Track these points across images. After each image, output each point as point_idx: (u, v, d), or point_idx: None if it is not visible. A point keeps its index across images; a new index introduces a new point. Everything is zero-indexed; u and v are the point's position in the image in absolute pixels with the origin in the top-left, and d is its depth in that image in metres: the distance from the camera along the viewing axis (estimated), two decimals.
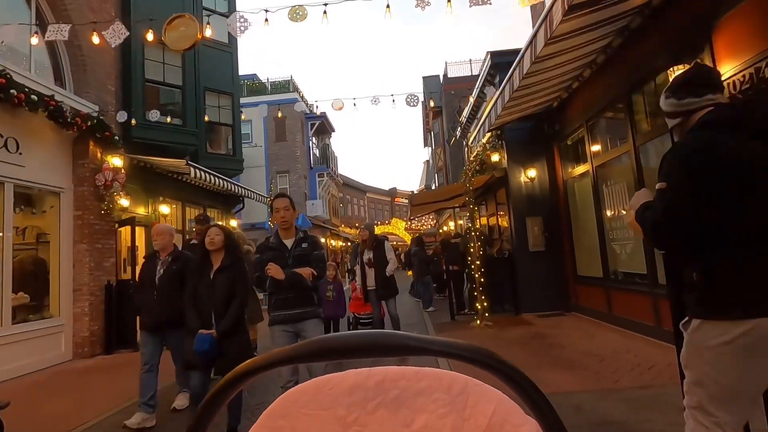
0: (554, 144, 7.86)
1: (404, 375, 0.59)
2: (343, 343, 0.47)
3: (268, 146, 24.13)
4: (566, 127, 7.32)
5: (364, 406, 0.58)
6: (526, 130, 8.19)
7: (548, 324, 6.86)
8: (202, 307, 3.10)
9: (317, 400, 0.60)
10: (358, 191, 38.45)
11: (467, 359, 0.45)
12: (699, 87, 1.53)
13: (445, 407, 0.57)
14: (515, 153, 8.21)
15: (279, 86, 24.93)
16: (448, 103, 24.00)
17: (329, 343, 0.47)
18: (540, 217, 7.93)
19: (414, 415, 0.57)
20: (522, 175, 8.14)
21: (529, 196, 8.09)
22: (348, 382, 0.60)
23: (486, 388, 0.57)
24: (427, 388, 0.58)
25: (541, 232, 7.89)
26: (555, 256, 7.85)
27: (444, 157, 25.08)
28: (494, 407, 0.56)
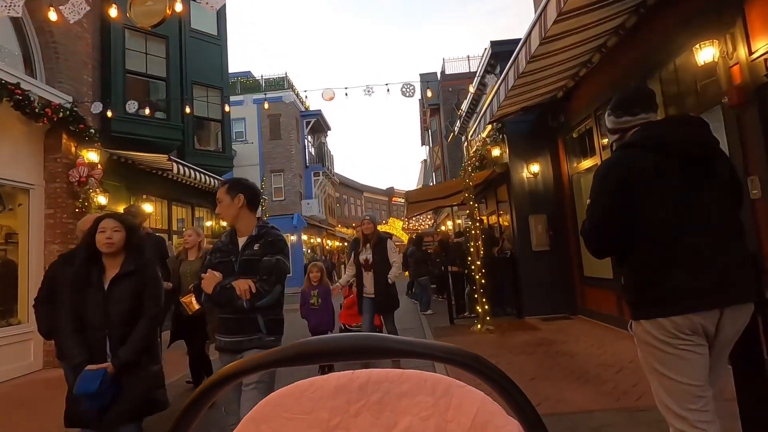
0: (559, 137, 7.42)
1: (387, 377, 0.59)
2: (326, 346, 0.46)
3: (263, 144, 23.65)
4: (572, 118, 6.89)
5: (347, 410, 0.58)
6: (528, 122, 7.75)
7: (554, 328, 6.42)
8: (90, 332, 2.21)
9: (300, 404, 0.59)
10: (354, 191, 37.99)
11: (450, 361, 0.45)
12: (634, 107, 1.67)
13: (428, 409, 0.57)
14: (517, 147, 7.77)
15: (273, 83, 24.43)
16: (446, 100, 23.58)
17: (312, 346, 0.46)
18: (544, 215, 7.50)
19: (397, 417, 0.57)
20: (524, 170, 7.70)
21: (532, 192, 7.65)
22: (331, 386, 0.60)
23: (469, 390, 0.57)
24: (410, 390, 0.58)
25: (545, 231, 7.46)
26: (560, 256, 7.41)
27: (442, 156, 24.65)
28: (477, 408, 0.56)
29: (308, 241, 25.30)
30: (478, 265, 6.88)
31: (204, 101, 11.41)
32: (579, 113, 6.63)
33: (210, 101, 11.53)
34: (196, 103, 11.20)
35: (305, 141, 25.78)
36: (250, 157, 23.23)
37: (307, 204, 23.95)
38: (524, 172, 7.70)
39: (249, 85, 24.36)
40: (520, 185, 7.70)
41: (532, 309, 7.39)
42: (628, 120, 1.69)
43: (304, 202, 23.93)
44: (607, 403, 3.33)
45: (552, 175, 7.59)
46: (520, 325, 6.98)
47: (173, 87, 9.04)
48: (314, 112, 26.28)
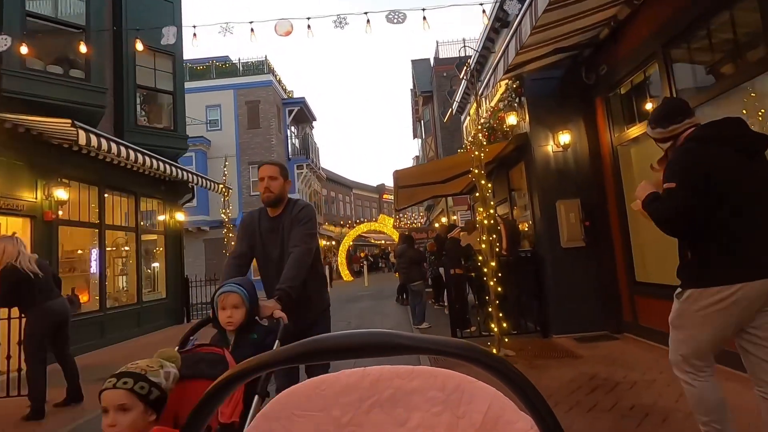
0: (598, 96, 5.60)
1: (398, 374, 0.59)
2: (334, 343, 0.45)
3: (239, 134, 21.60)
4: (619, 67, 5.06)
5: (359, 406, 0.58)
6: (555, 80, 5.92)
7: (600, 355, 4.60)
8: None
9: (311, 402, 0.59)
10: (343, 187, 36.03)
11: (459, 356, 0.45)
12: (676, 116, 2.04)
13: (439, 405, 0.57)
14: (540, 112, 5.93)
15: (252, 67, 22.38)
16: (440, 86, 21.75)
17: (321, 343, 0.45)
18: (577, 200, 5.67)
19: (409, 413, 0.57)
20: (550, 142, 5.86)
21: (560, 171, 5.82)
22: (342, 383, 0.60)
23: (480, 385, 0.58)
24: (421, 386, 0.58)
25: (579, 221, 5.63)
26: (600, 255, 5.60)
27: (435, 147, 22.83)
28: (488, 404, 0.56)
29: None
30: (493, 268, 5.03)
31: (150, 69, 9.41)
32: (631, 58, 4.80)
33: (158, 69, 9.52)
34: (141, 70, 9.20)
35: (288, 131, 23.77)
36: (225, 147, 21.17)
37: None
38: (550, 144, 5.86)
39: (225, 69, 22.29)
40: (544, 162, 5.87)
41: (562, 325, 5.57)
42: (676, 127, 2.03)
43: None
44: None
45: (588, 148, 5.77)
46: (549, 348, 5.15)
47: (95, 38, 7.04)
48: (297, 100, 24.30)
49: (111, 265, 8.92)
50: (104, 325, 7.86)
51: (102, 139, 6.05)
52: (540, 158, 5.88)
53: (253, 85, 21.80)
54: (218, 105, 21.60)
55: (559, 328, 5.59)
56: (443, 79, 22.01)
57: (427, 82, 23.83)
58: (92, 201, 7.98)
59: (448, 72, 21.74)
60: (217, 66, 22.34)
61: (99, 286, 7.93)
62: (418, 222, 31.61)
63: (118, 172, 8.36)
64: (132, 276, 9.13)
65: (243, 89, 21.75)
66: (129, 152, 7.35)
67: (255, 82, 21.84)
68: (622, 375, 3.86)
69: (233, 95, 21.69)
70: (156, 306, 9.65)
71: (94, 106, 6.94)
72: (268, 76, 22.05)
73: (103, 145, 5.99)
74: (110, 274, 8.76)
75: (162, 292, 10.11)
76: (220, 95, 21.65)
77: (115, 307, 8.40)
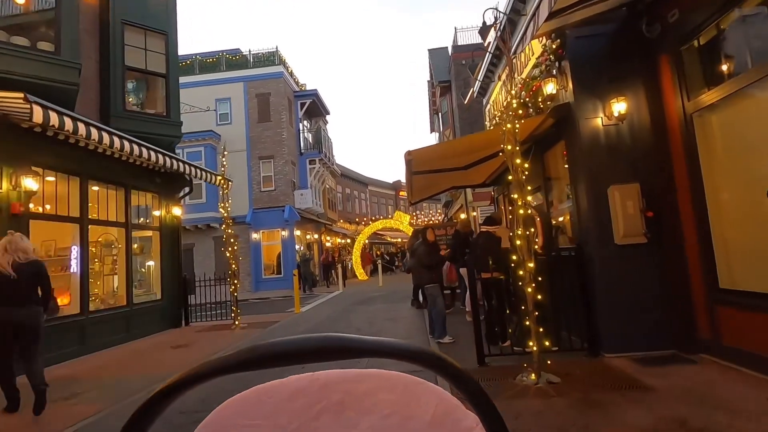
0: (663, 53, 4.43)
1: (347, 378, 0.59)
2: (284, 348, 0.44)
3: (250, 127, 20.86)
4: (698, 10, 3.89)
5: (307, 413, 0.57)
6: (605, 37, 4.78)
7: (678, 386, 3.47)
8: None
9: (256, 409, 0.57)
10: (358, 184, 35.12)
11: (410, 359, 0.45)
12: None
13: (388, 407, 0.57)
14: (587, 77, 4.80)
15: (262, 59, 21.60)
16: (458, 75, 20.57)
17: (270, 349, 0.44)
18: (636, 185, 4.52)
19: (359, 417, 0.57)
20: (600, 113, 4.73)
21: (613, 149, 4.68)
22: (290, 389, 0.58)
23: (428, 386, 0.58)
24: (370, 389, 0.58)
25: (639, 211, 4.48)
26: (666, 253, 4.44)
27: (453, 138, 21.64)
28: (436, 404, 0.56)
29: (303, 238, 22.50)
30: (531, 269, 3.95)
31: (141, 49, 8.59)
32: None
33: (149, 49, 8.70)
34: (131, 51, 8.40)
35: (299, 125, 22.93)
36: (235, 141, 20.47)
37: (301, 195, 21.12)
38: (599, 116, 4.72)
39: (235, 61, 21.57)
40: (592, 138, 4.73)
41: (615, 341, 4.44)
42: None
43: (297, 193, 21.11)
44: None
45: (649, 119, 4.61)
46: (603, 372, 4.03)
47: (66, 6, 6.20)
48: (310, 92, 23.44)
49: (99, 264, 8.17)
50: (86, 330, 7.08)
51: (66, 118, 5.20)
52: (587, 134, 4.74)
53: (264, 77, 21.03)
54: (228, 98, 20.91)
55: (611, 344, 4.46)
56: (462, 68, 20.80)
57: (445, 71, 22.67)
58: (72, 193, 7.20)
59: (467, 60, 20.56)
60: (227, 58, 21.66)
61: (80, 287, 7.15)
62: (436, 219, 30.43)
63: (105, 162, 7.57)
64: (121, 276, 8.35)
65: (253, 81, 21.01)
66: (112, 138, 6.55)
67: (265, 74, 21.07)
68: (726, 423, 2.74)
69: (243, 88, 20.96)
70: (149, 308, 8.87)
71: (65, 83, 6.11)
72: (279, 67, 21.23)
73: (66, 124, 5.14)
74: (96, 273, 8.00)
75: (157, 293, 9.32)
76: (230, 88, 20.95)
77: (100, 311, 7.62)
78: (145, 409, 0.43)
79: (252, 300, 17.20)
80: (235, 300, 9.34)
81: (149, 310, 8.84)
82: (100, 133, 5.82)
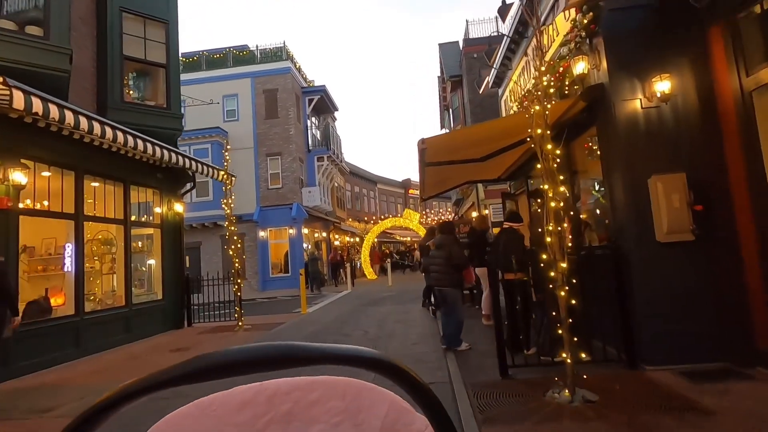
0: (714, 24, 3.88)
1: (298, 386, 0.57)
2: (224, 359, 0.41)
3: (257, 124, 20.53)
4: None
5: (254, 425, 0.55)
6: (644, 8, 4.24)
7: (743, 409, 2.94)
8: None
9: (201, 424, 0.55)
10: (367, 182, 34.68)
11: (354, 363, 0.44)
12: None
13: (339, 415, 0.56)
14: (624, 54, 4.27)
15: (270, 54, 21.26)
16: (470, 69, 19.99)
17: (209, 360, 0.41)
18: (682, 175, 3.98)
19: (307, 427, 0.56)
20: (639, 94, 4.19)
21: (655, 134, 4.14)
22: (236, 400, 0.56)
23: (379, 391, 0.57)
24: (320, 397, 0.57)
25: (687, 205, 3.94)
26: (719, 252, 3.90)
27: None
28: (386, 409, 0.56)
29: (311, 236, 22.13)
30: (564, 270, 3.44)
31: (140, 38, 8.23)
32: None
33: (149, 38, 8.33)
34: (129, 39, 8.04)
35: (307, 121, 22.55)
36: (242, 138, 20.17)
37: (309, 192, 20.74)
38: (638, 97, 4.19)
39: (242, 57, 21.25)
40: (629, 122, 4.20)
41: (658, 352, 3.91)
42: None
43: (305, 190, 20.73)
44: None
45: (697, 99, 4.06)
46: (648, 389, 3.52)
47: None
48: (318, 88, 23.03)
49: (96, 263, 7.83)
50: (81, 332, 6.73)
51: (52, 105, 4.82)
52: (624, 117, 4.21)
53: (271, 72, 20.68)
54: (235, 94, 20.61)
55: (653, 355, 3.94)
56: (474, 61, 20.25)
57: (456, 65, 22.09)
58: (67, 188, 6.84)
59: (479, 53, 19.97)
60: (234, 54, 21.35)
61: (75, 287, 6.80)
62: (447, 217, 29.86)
63: (102, 156, 7.21)
64: (120, 275, 8.00)
65: (260, 77, 20.67)
66: (104, 128, 6.17)
67: (273, 70, 20.72)
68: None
69: (251, 84, 20.64)
70: (150, 309, 8.52)
71: (55, 69, 5.73)
72: (286, 62, 20.87)
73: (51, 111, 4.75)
74: (93, 272, 7.66)
75: (158, 293, 8.97)
76: (238, 84, 20.65)
77: (96, 311, 7.27)
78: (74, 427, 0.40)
79: (259, 299, 16.87)
80: (239, 300, 8.95)
81: (150, 310, 8.49)
82: (91, 123, 5.44)
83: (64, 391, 4.97)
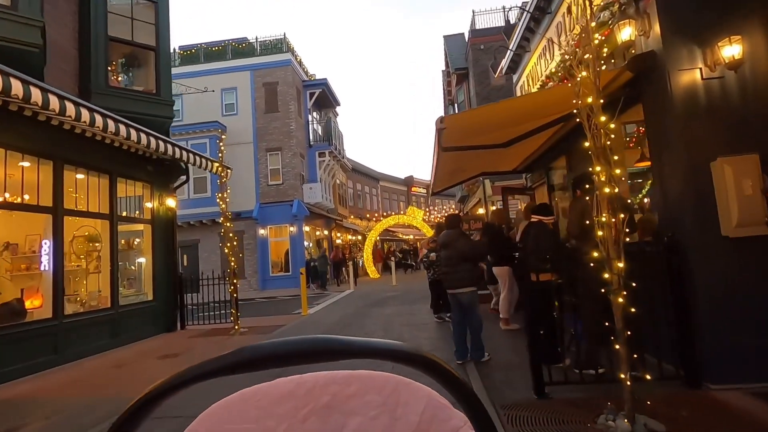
0: None
1: (335, 380, 0.58)
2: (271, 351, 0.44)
3: (257, 118, 19.90)
4: None
5: (294, 416, 0.57)
6: None
7: None
8: None
9: (244, 414, 0.57)
10: (370, 179, 34.04)
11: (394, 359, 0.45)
12: None
13: (376, 409, 0.57)
14: (680, 17, 3.63)
15: (270, 46, 20.62)
16: (477, 62, 19.31)
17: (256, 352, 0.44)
18: (754, 156, 3.34)
19: (345, 419, 0.57)
20: (699, 63, 3.55)
21: (719, 109, 3.51)
22: (277, 392, 0.58)
23: (416, 386, 0.57)
24: (358, 391, 0.58)
25: (760, 191, 3.30)
26: None
27: None
28: (424, 404, 0.56)
29: (312, 234, 21.52)
30: (620, 271, 2.82)
31: (127, 18, 7.60)
32: None
33: (137, 19, 7.71)
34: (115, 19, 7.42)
35: (308, 116, 21.92)
36: (241, 133, 19.55)
37: (310, 189, 20.11)
38: (698, 66, 3.55)
39: (241, 49, 20.61)
40: (687, 95, 3.56)
41: (726, 368, 3.28)
42: None
43: (306, 187, 20.11)
44: None
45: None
46: (722, 415, 2.89)
47: None
48: (319, 82, 22.39)
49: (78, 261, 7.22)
50: (59, 337, 6.12)
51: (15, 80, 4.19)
52: (680, 90, 3.57)
53: (271, 65, 20.05)
54: (234, 88, 19.98)
55: (720, 372, 3.30)
56: (480, 53, 19.59)
57: (462, 58, 21.43)
58: (44, 179, 6.23)
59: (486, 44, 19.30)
60: (234, 46, 20.72)
61: (53, 287, 6.19)
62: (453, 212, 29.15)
63: (84, 145, 6.60)
64: (105, 274, 7.39)
65: (260, 70, 20.04)
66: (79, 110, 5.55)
67: (273, 62, 20.08)
68: None
69: (250, 77, 20.01)
70: (139, 311, 7.92)
71: (25, 44, 5.11)
72: (287, 55, 20.22)
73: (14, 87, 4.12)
74: (75, 272, 7.05)
75: (148, 294, 8.37)
76: (237, 77, 20.02)
77: (78, 314, 6.67)
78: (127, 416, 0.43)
79: (258, 299, 16.27)
80: (235, 301, 8.34)
81: (139, 312, 7.89)
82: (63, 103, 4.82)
83: (34, 406, 4.38)
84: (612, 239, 2.86)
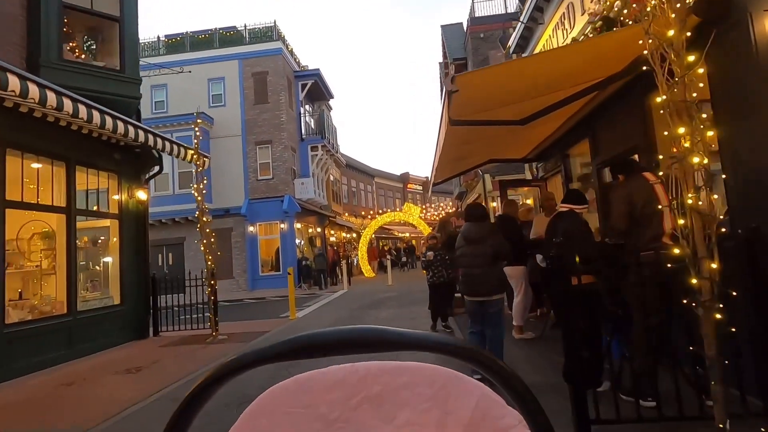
0: None
1: (386, 370, 0.59)
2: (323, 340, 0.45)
3: (245, 110, 18.93)
4: None
5: (347, 403, 0.58)
6: None
7: None
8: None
9: (299, 398, 0.58)
10: (364, 175, 33.16)
11: (448, 353, 0.45)
12: None
13: (427, 401, 0.56)
14: None
15: (259, 34, 19.64)
16: (476, 50, 18.50)
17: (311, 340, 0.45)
18: None
19: (396, 410, 0.57)
20: None
21: None
22: (330, 379, 0.59)
23: (468, 381, 0.57)
24: (409, 382, 0.57)
25: None
26: None
27: None
28: (476, 400, 0.55)
29: (304, 231, 20.62)
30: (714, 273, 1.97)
31: None
32: None
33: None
34: None
35: (300, 108, 20.97)
36: (229, 125, 18.58)
37: (302, 184, 19.20)
38: None
39: (230, 37, 19.62)
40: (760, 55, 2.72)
41: None
42: None
43: (298, 182, 19.19)
44: None
45: None
46: None
47: None
48: (311, 72, 21.46)
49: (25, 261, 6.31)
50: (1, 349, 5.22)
51: None
52: (765, 38, 2.73)
53: (261, 54, 19.08)
54: (222, 78, 19.00)
55: None
56: (480, 42, 18.78)
57: (460, 47, 20.59)
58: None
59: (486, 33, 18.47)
60: (221, 34, 19.72)
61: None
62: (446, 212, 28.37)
63: (32, 126, 5.70)
64: (61, 276, 6.47)
65: (249, 59, 19.07)
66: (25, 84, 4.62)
67: (262, 51, 19.12)
68: None
69: (238, 66, 19.03)
70: (103, 316, 7.00)
71: None
72: (277, 43, 19.26)
73: None
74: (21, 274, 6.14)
75: (115, 297, 7.45)
76: (224, 67, 19.04)
77: (25, 322, 5.76)
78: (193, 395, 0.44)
79: (246, 300, 15.38)
80: (214, 305, 7.45)
81: (103, 318, 6.97)
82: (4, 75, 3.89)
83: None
84: (701, 229, 2.02)
